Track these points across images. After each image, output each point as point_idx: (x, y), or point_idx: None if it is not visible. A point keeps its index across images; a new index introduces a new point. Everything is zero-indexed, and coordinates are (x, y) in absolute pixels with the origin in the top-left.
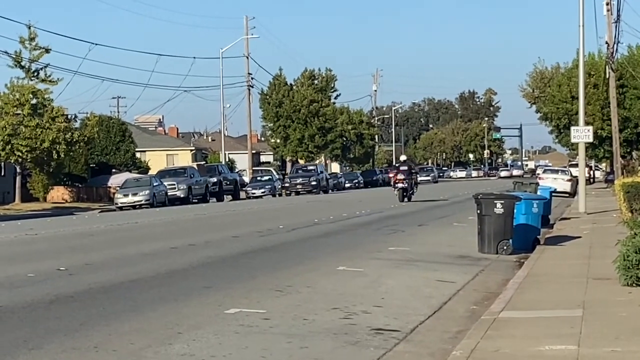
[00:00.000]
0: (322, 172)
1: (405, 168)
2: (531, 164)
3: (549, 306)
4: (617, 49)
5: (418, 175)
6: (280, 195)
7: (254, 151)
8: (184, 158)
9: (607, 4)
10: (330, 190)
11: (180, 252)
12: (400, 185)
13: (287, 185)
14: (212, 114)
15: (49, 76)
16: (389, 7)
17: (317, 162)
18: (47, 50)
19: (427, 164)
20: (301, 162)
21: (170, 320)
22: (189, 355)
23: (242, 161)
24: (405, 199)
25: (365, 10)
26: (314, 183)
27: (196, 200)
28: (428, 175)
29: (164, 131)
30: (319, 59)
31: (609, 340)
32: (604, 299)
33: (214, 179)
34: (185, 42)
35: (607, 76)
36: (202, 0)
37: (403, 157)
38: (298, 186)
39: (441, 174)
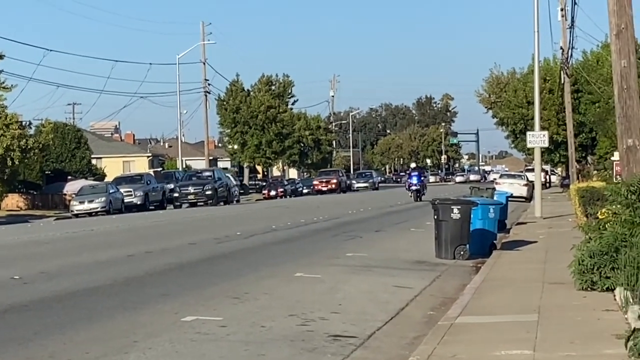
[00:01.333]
0: (219, 178)
1: (417, 173)
2: (488, 169)
3: (505, 311)
4: (571, 55)
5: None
6: (238, 201)
7: (211, 157)
8: (140, 164)
9: (562, 10)
10: (279, 198)
11: (137, 259)
12: (414, 187)
13: (176, 195)
14: (169, 120)
15: (3, 83)
16: (346, 12)
17: (214, 167)
18: (1, 57)
19: (380, 168)
20: (259, 168)
21: (127, 329)
22: None
23: (200, 167)
24: (418, 199)
25: (323, 16)
26: (209, 192)
27: (153, 207)
28: (366, 182)
29: (120, 138)
30: (276, 65)
31: (565, 344)
32: (560, 304)
33: (171, 186)
34: (141, 48)
35: (562, 81)
36: (158, 7)
37: (413, 165)
38: (190, 197)
39: (398, 179)
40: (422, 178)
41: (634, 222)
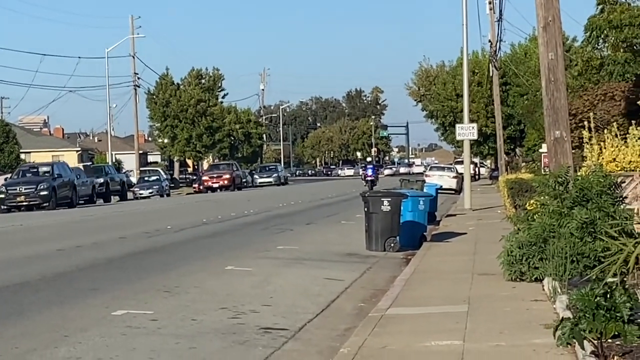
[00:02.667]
0: (60, 174)
1: (372, 166)
2: (417, 162)
3: (435, 302)
4: (499, 47)
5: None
6: (168, 195)
7: (141, 151)
8: (69, 159)
9: (490, 3)
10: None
11: (66, 254)
12: (369, 178)
13: (2, 197)
14: (98, 114)
15: None
16: (276, 6)
17: (54, 161)
18: None
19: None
20: (189, 161)
21: (56, 323)
22: (75, 358)
23: (130, 161)
24: (372, 189)
25: (253, 8)
26: (44, 193)
27: (82, 202)
28: (270, 177)
29: (49, 132)
30: (206, 59)
31: (494, 334)
32: (489, 294)
33: (101, 180)
34: (70, 42)
35: (491, 74)
36: (87, 0)
37: (369, 159)
38: (20, 198)
39: (329, 172)
40: (376, 170)
41: (562, 213)
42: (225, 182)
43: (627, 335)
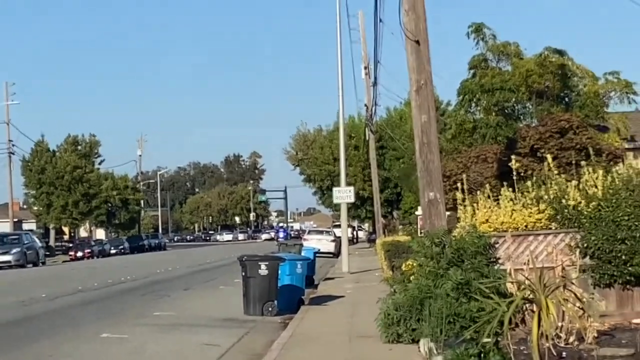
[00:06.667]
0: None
1: (284, 230)
2: (297, 226)
3: None
4: (375, 112)
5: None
6: (43, 263)
7: (16, 219)
8: None
9: (365, 68)
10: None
11: None
12: (281, 240)
13: None
14: None
15: None
16: (149, 69)
17: None
18: None
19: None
20: (65, 229)
21: None
22: None
23: (4, 230)
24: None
25: (129, 74)
26: None
27: None
28: (6, 254)
29: None
30: (82, 125)
31: None
32: (367, 356)
33: None
34: None
35: (367, 138)
36: None
37: (282, 225)
38: None
39: (208, 237)
40: (287, 233)
41: (438, 274)
42: None
43: None
